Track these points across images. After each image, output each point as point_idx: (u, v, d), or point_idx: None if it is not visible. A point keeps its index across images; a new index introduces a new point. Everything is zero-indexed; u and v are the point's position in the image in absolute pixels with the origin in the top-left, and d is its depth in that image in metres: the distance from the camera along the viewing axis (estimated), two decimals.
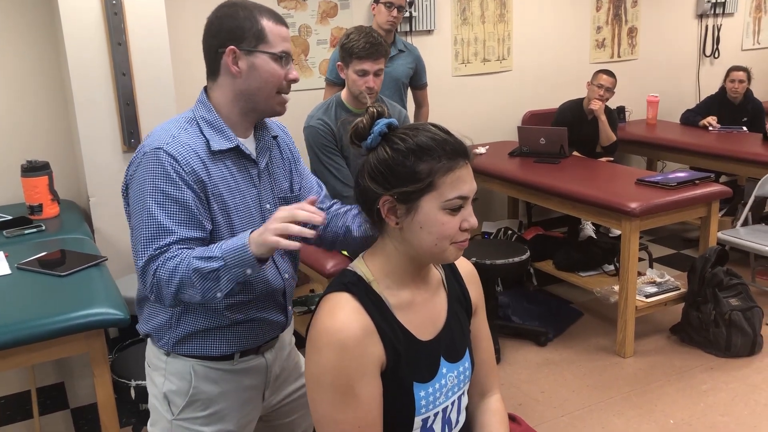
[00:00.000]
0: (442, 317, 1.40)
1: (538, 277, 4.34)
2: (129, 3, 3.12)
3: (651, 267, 4.09)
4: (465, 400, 1.46)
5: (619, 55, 5.54)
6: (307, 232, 1.40)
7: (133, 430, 2.76)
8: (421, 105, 4.13)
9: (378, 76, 2.75)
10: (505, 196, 5.02)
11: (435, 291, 1.41)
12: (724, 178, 5.39)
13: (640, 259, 3.60)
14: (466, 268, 1.51)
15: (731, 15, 6.03)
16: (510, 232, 4.55)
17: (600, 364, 3.39)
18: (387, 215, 1.29)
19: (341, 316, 1.26)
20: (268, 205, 1.63)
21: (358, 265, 1.35)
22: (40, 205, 3.10)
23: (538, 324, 3.77)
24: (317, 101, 3.17)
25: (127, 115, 3.21)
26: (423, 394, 1.32)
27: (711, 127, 5.06)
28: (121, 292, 2.26)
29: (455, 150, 1.27)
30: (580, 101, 4.59)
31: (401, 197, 1.26)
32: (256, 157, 1.61)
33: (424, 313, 1.37)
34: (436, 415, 1.36)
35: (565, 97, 4.74)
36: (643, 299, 3.52)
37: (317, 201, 1.80)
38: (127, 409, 2.87)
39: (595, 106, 4.42)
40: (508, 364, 3.41)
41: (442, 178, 1.25)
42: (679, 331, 3.61)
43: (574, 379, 3.27)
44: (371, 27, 2.88)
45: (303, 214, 1.40)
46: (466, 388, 1.46)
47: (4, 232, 2.90)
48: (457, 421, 1.43)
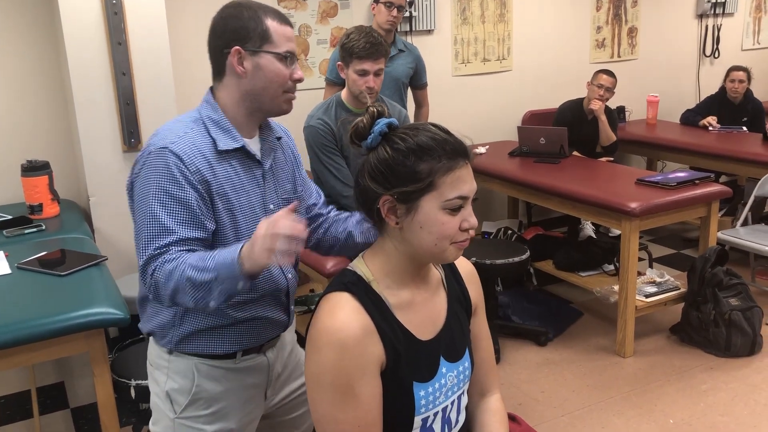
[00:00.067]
0: (441, 317, 1.40)
1: (538, 276, 4.34)
2: (129, 3, 3.12)
3: (651, 267, 4.09)
4: (465, 400, 1.46)
5: (619, 55, 5.54)
6: (295, 249, 1.36)
7: (134, 429, 2.76)
8: (421, 105, 4.13)
9: (378, 75, 2.75)
10: (505, 196, 5.02)
11: (435, 291, 1.41)
12: (724, 178, 5.39)
13: (640, 258, 3.61)
14: (466, 267, 1.51)
15: (731, 15, 6.03)
16: (510, 231, 4.55)
17: (600, 364, 3.39)
18: (387, 215, 1.29)
19: (341, 315, 1.26)
20: (271, 206, 1.63)
21: (358, 265, 1.35)
22: (40, 205, 3.10)
23: (538, 324, 3.77)
24: (317, 101, 3.17)
25: (127, 114, 3.21)
26: (423, 393, 1.32)
27: (711, 127, 5.06)
28: (121, 292, 2.26)
29: (455, 150, 1.27)
30: (580, 101, 4.59)
31: (401, 197, 1.26)
32: (260, 158, 1.62)
33: (423, 313, 1.37)
34: (435, 414, 1.36)
35: (565, 97, 4.74)
36: (643, 299, 3.52)
37: (317, 207, 1.82)
38: (127, 408, 2.87)
39: (595, 106, 4.42)
40: (508, 364, 3.41)
41: (442, 178, 1.25)
42: (678, 330, 3.61)
43: (574, 379, 3.27)
44: (371, 27, 2.88)
45: (285, 229, 1.34)
46: (466, 387, 1.46)
47: (4, 231, 2.90)
48: (457, 421, 1.43)
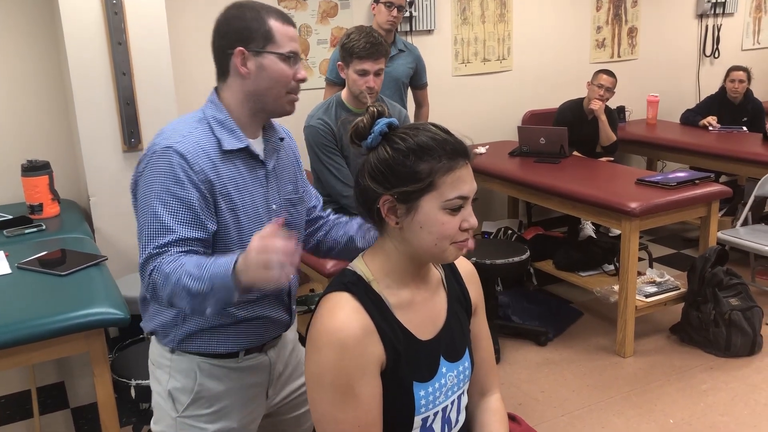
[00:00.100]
0: (441, 317, 1.40)
1: (538, 276, 4.34)
2: (129, 3, 3.12)
3: (651, 267, 4.09)
4: (465, 400, 1.47)
5: (619, 55, 5.54)
6: (288, 271, 1.32)
7: (134, 429, 2.76)
8: (421, 105, 4.13)
9: (378, 75, 2.76)
10: (505, 196, 5.02)
11: (435, 290, 1.41)
12: (724, 178, 5.39)
13: (640, 258, 3.61)
14: (466, 267, 1.51)
15: (731, 15, 6.03)
16: (510, 231, 4.55)
17: (600, 364, 3.39)
18: (387, 215, 1.29)
19: (341, 315, 1.26)
20: (274, 206, 1.63)
21: (358, 265, 1.36)
22: (41, 205, 3.10)
23: (538, 324, 3.77)
24: (317, 101, 3.17)
25: (127, 114, 3.21)
26: (423, 393, 1.32)
27: (711, 127, 5.05)
28: (121, 292, 2.26)
29: (455, 150, 1.27)
30: (581, 101, 4.59)
31: (401, 197, 1.26)
32: (264, 158, 1.62)
33: (423, 313, 1.37)
34: (435, 414, 1.36)
35: (565, 97, 4.74)
36: (643, 299, 3.52)
37: (316, 209, 1.82)
38: (127, 408, 2.87)
39: (596, 106, 4.42)
40: (508, 364, 3.42)
41: (442, 178, 1.25)
42: (678, 330, 3.61)
43: (574, 379, 3.27)
44: (371, 27, 2.88)
45: (277, 252, 1.30)
46: (466, 387, 1.46)
47: (5, 231, 2.90)
48: (457, 421, 1.43)
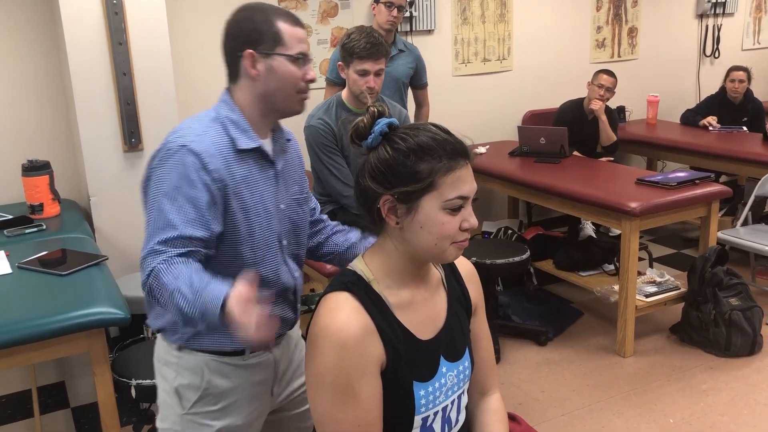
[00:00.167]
0: (441, 316, 1.40)
1: (538, 276, 4.34)
2: (130, 3, 3.12)
3: (651, 266, 4.09)
4: (465, 399, 1.47)
5: (619, 55, 5.54)
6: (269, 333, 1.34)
7: (134, 429, 2.76)
8: (421, 105, 4.13)
9: (379, 75, 2.76)
10: (505, 196, 5.02)
11: (435, 290, 1.42)
12: (724, 178, 5.39)
13: (640, 258, 3.61)
14: (466, 267, 1.51)
15: (731, 15, 6.03)
16: (510, 231, 4.55)
17: (600, 364, 3.40)
18: (387, 215, 1.29)
19: (341, 315, 1.26)
20: (282, 206, 1.66)
21: (358, 265, 1.36)
22: (41, 205, 3.10)
23: (538, 323, 3.77)
24: (318, 101, 3.17)
25: (127, 114, 3.21)
26: (423, 393, 1.33)
27: (711, 127, 5.05)
28: (122, 292, 2.26)
29: (456, 150, 1.27)
30: (581, 101, 4.59)
31: (401, 197, 1.27)
32: (273, 159, 1.64)
33: (423, 313, 1.37)
34: (435, 414, 1.36)
35: (565, 97, 4.74)
36: (643, 299, 3.52)
37: (316, 211, 1.85)
38: (127, 408, 2.87)
39: (596, 106, 4.42)
40: (508, 364, 3.42)
41: (442, 178, 1.25)
42: (678, 330, 3.61)
43: (574, 379, 3.27)
44: (372, 27, 2.88)
45: (252, 321, 1.32)
46: (466, 387, 1.46)
47: (5, 231, 2.90)
48: (457, 420, 1.44)
